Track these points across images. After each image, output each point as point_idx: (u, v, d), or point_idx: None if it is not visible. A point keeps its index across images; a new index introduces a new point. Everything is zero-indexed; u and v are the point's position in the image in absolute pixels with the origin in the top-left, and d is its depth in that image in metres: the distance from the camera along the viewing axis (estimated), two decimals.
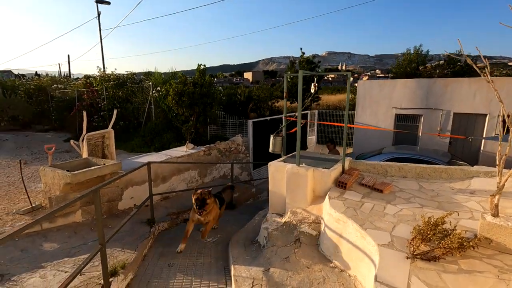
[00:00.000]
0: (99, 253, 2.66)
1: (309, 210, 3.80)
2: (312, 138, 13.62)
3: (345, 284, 2.67)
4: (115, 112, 6.06)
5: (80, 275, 2.98)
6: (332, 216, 3.20)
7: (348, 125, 4.46)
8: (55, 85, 15.67)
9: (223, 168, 8.21)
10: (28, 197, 4.79)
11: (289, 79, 13.18)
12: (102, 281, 2.83)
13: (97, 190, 2.57)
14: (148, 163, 4.48)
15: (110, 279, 2.87)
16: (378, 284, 2.09)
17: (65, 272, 3.19)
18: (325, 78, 43.74)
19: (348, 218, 2.98)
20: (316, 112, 13.79)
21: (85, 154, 5.62)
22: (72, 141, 5.96)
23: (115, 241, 3.89)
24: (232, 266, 3.27)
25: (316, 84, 4.38)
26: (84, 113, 5.52)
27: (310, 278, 2.80)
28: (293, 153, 4.71)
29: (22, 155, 9.64)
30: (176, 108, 8.42)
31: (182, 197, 6.39)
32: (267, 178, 4.43)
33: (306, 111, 12.66)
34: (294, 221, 3.69)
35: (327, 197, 3.52)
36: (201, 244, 4.43)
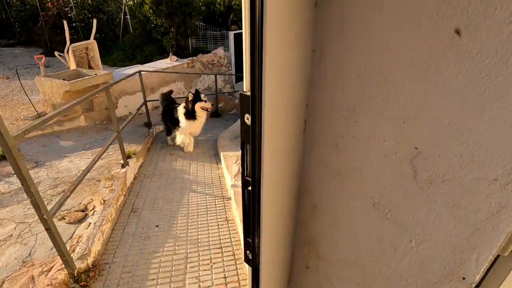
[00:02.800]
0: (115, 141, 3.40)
1: None
2: None
3: None
4: (95, 21, 6.00)
5: (102, 159, 3.81)
6: None
7: None
8: None
9: (207, 81, 8.64)
10: (33, 105, 5.26)
11: None
12: (121, 161, 3.68)
13: (108, 87, 3.14)
14: (139, 71, 4.89)
15: (127, 160, 3.71)
16: None
17: (88, 159, 4.01)
18: None
19: None
20: None
21: (73, 66, 5.86)
22: (56, 53, 6.06)
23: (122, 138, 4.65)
24: (221, 151, 4.19)
25: None
26: (65, 23, 5.51)
27: None
28: None
29: None
30: (154, 18, 8.19)
31: None
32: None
33: None
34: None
35: None
36: (194, 140, 5.33)
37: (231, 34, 9.39)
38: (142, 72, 5.04)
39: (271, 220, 0.37)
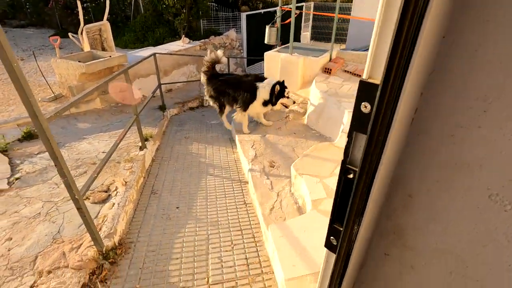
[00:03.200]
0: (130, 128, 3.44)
1: (299, 94, 4.53)
2: (306, 34, 13.34)
3: (322, 141, 3.63)
4: (107, 2, 5.93)
5: (120, 141, 3.87)
6: (316, 95, 3.94)
7: (340, 16, 4.73)
8: None
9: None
10: (50, 87, 5.32)
11: None
12: (139, 144, 3.73)
13: (126, 70, 3.14)
14: (154, 54, 4.86)
15: (145, 142, 3.76)
16: (343, 133, 2.99)
17: (106, 141, 4.08)
18: None
19: (329, 96, 3.73)
20: (312, 4, 13.04)
21: (87, 47, 5.86)
22: (70, 34, 6.05)
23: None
24: (236, 135, 4.19)
25: None
26: (79, 3, 5.46)
27: (296, 140, 3.75)
28: (287, 44, 5.10)
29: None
30: None
31: (183, 90, 7.02)
32: (262, 74, 4.97)
33: (302, 3, 11.98)
34: None
35: (314, 80, 4.19)
36: (208, 124, 5.34)
37: (244, 15, 9.16)
38: (156, 54, 5.00)
39: (367, 210, 0.38)
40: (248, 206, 2.86)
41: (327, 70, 4.39)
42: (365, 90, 0.34)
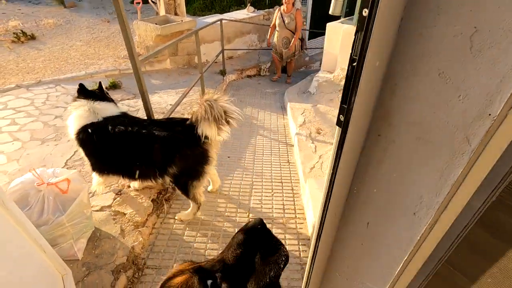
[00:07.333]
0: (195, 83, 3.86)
1: None
2: None
3: None
4: None
5: (186, 95, 4.38)
6: None
7: None
8: None
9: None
10: None
11: None
12: None
13: (197, 31, 3.50)
14: (220, 20, 5.17)
15: None
16: None
17: (173, 96, 4.63)
18: None
19: None
20: None
21: (162, 12, 6.43)
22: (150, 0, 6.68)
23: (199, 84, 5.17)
24: (288, 103, 4.38)
25: None
26: None
27: None
28: (351, 16, 4.94)
29: (101, 15, 10.78)
30: None
31: (243, 58, 7.31)
32: (322, 48, 4.92)
33: None
34: (341, 75, 4.45)
35: None
36: (262, 92, 5.60)
37: None
38: (223, 20, 5.31)
39: (360, 92, 0.57)
40: (291, 165, 3.11)
41: None
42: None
